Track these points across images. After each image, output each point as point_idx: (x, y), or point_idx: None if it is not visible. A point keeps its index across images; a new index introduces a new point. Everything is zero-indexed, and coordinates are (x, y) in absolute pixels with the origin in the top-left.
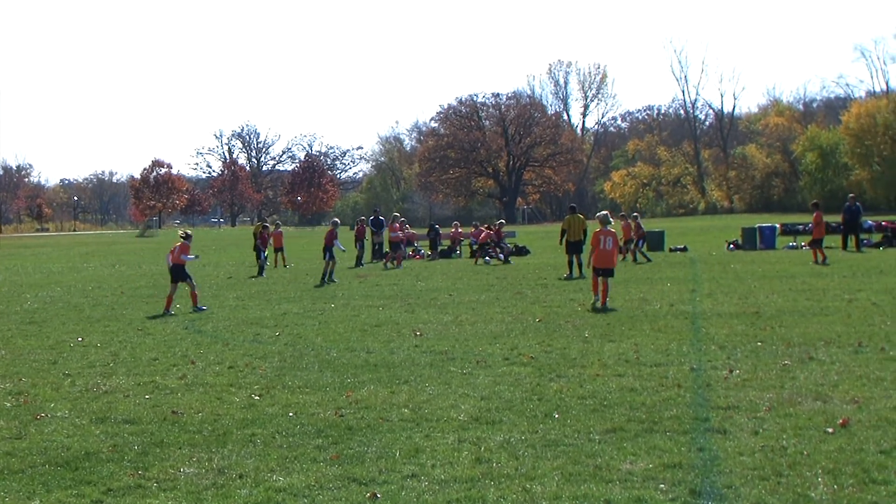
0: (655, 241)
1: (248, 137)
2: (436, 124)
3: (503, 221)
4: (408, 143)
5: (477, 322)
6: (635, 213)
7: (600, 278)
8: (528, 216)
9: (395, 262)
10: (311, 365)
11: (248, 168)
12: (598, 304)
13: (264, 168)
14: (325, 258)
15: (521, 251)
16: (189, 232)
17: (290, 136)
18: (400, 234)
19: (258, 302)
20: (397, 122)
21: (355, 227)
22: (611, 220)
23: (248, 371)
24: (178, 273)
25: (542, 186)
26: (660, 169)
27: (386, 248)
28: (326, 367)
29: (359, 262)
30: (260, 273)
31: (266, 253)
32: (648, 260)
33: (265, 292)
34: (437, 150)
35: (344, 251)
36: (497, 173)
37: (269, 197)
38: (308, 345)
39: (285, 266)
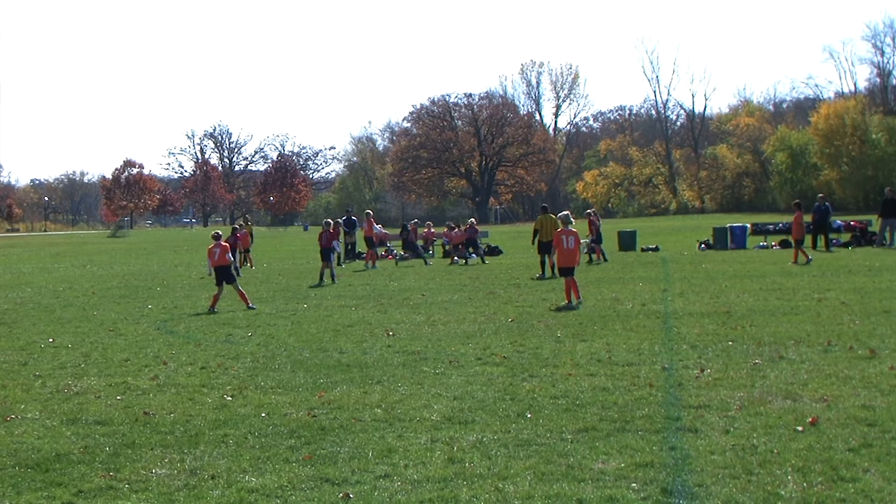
0: (627, 241)
1: (220, 137)
2: (408, 124)
3: (473, 221)
4: (380, 143)
5: (450, 322)
6: (589, 210)
7: (565, 278)
8: (500, 216)
9: (372, 263)
10: (283, 365)
11: (220, 168)
12: (573, 303)
13: (236, 168)
14: (324, 259)
15: (494, 251)
16: (219, 232)
17: (262, 135)
18: (379, 228)
19: (230, 302)
20: (370, 122)
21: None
22: (572, 219)
23: (221, 372)
24: (224, 275)
25: (515, 186)
26: (632, 169)
27: (360, 248)
28: (299, 367)
29: (339, 262)
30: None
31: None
32: (605, 259)
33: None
34: (410, 150)
35: (338, 252)
36: (470, 173)
37: (241, 197)
38: (280, 345)
39: (251, 267)
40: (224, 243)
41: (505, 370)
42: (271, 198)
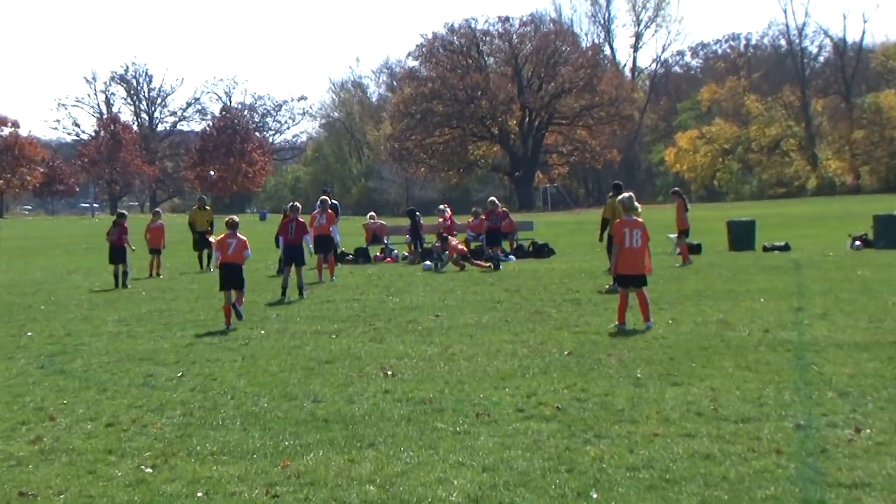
0: (742, 236)
1: (135, 82)
2: (416, 63)
3: (495, 200)
4: (374, 91)
5: (476, 356)
6: (675, 189)
7: (631, 291)
8: (551, 199)
9: (330, 274)
10: (229, 420)
11: (135, 128)
12: (646, 325)
13: (160, 128)
14: (287, 262)
15: (542, 251)
16: (235, 219)
17: (198, 80)
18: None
19: (151, 326)
20: (358, 61)
21: (282, 219)
22: (637, 204)
23: (137, 430)
24: (234, 277)
25: (573, 155)
26: (749, 128)
27: (346, 246)
28: (253, 422)
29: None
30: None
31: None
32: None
33: (161, 312)
34: (418, 102)
35: (312, 254)
36: (506, 135)
37: (167, 171)
38: (226, 390)
39: (158, 274)
40: (242, 236)
41: (559, 428)
42: (212, 172)
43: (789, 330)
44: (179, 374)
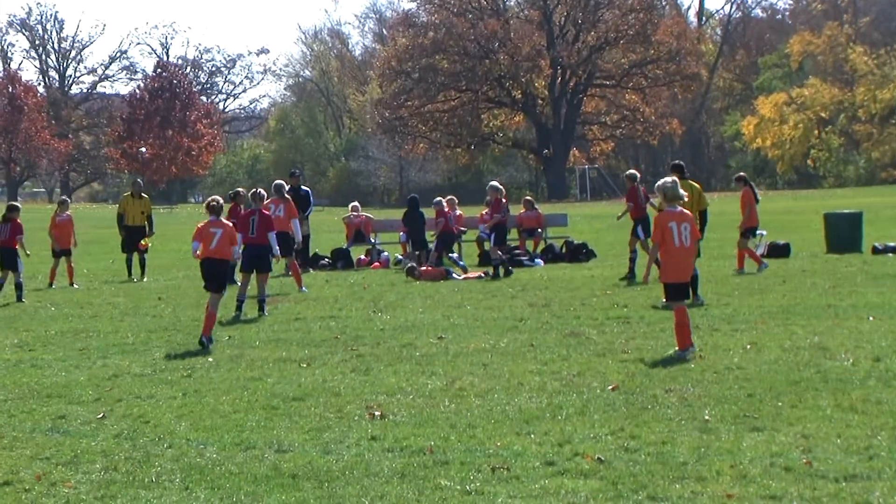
0: (845, 234)
1: (40, 30)
2: (413, 5)
3: (496, 185)
4: (357, 41)
5: (492, 391)
6: (740, 174)
7: (677, 305)
8: (591, 185)
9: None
10: (166, 476)
11: (41, 90)
12: (687, 351)
13: (74, 90)
14: (243, 268)
15: (578, 253)
16: (220, 200)
17: (125, 28)
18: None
19: (62, 353)
20: (336, 3)
21: (230, 210)
22: (682, 192)
23: (43, 490)
24: (219, 276)
25: (620, 126)
26: (854, 91)
27: (321, 247)
28: (198, 479)
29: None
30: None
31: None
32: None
33: (76, 334)
34: (416, 57)
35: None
36: (532, 101)
37: (83, 147)
38: (162, 436)
39: (71, 284)
40: (228, 222)
41: (600, 486)
42: (143, 149)
43: None
44: (100, 415)
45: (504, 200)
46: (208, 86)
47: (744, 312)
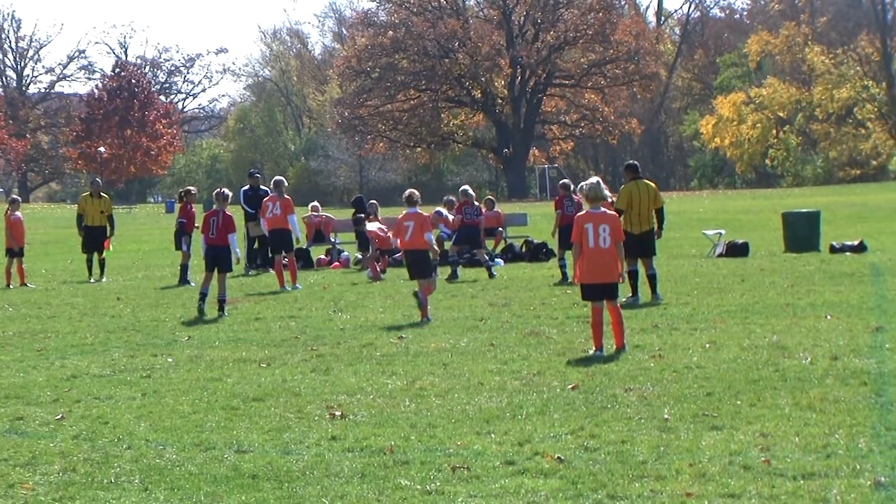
0: (803, 233)
1: None
2: (372, 5)
3: (467, 189)
4: (317, 41)
5: (453, 390)
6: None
7: (604, 305)
8: (550, 184)
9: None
10: (125, 478)
11: None
12: (610, 349)
13: (32, 89)
14: (208, 268)
15: (538, 252)
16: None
17: (83, 27)
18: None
19: (19, 353)
20: (295, 2)
21: (180, 207)
22: (605, 191)
23: (2, 492)
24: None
25: (580, 126)
26: (812, 91)
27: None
28: (157, 480)
29: (185, 277)
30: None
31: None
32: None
33: (34, 334)
34: (376, 56)
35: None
36: (491, 101)
37: (41, 146)
38: (121, 437)
39: (23, 283)
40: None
41: (560, 486)
42: (101, 148)
43: (865, 357)
44: (59, 416)
45: (476, 205)
46: (167, 85)
47: (703, 311)
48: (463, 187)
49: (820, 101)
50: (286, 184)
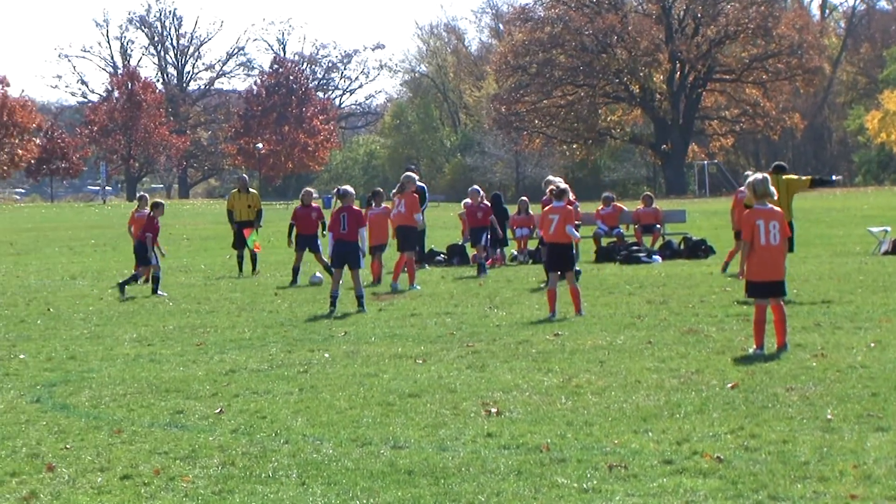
0: None
1: (159, 27)
2: (530, 0)
3: (553, 179)
4: (473, 36)
5: (609, 388)
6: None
7: (769, 304)
8: (710, 180)
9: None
10: (282, 472)
11: (160, 86)
12: (772, 347)
13: (192, 86)
14: (338, 265)
15: (697, 249)
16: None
17: (242, 25)
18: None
19: (180, 348)
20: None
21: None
22: (772, 188)
23: (161, 484)
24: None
25: (740, 121)
26: None
27: (437, 246)
28: (314, 475)
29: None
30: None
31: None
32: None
33: (193, 329)
34: (533, 52)
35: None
36: (650, 96)
37: (200, 143)
38: (278, 432)
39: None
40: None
41: (720, 485)
42: (259, 144)
43: None
44: (217, 410)
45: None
46: (324, 81)
47: (867, 310)
48: (548, 178)
49: None
50: (415, 179)
